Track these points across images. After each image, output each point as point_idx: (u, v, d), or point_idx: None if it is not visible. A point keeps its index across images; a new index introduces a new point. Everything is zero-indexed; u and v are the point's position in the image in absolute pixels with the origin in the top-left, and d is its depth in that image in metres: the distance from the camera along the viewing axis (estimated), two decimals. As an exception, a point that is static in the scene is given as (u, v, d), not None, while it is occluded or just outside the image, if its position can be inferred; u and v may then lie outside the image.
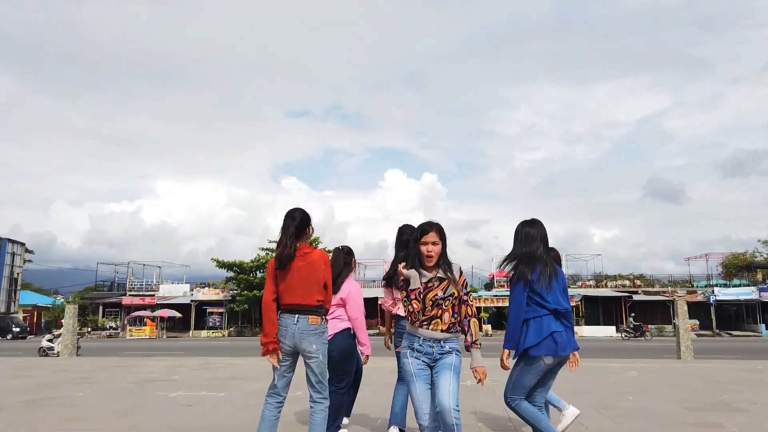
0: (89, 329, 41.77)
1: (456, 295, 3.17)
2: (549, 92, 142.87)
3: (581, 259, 47.79)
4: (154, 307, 41.62)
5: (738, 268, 45.98)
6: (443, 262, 3.21)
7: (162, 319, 40.28)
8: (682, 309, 13.07)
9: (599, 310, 41.91)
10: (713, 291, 39.43)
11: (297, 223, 3.53)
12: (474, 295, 40.51)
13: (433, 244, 3.16)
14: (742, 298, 39.13)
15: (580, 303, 39.54)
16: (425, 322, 3.13)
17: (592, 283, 44.59)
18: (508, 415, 5.24)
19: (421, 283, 3.16)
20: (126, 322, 41.16)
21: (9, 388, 7.54)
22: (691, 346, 12.64)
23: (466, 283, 3.27)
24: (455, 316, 3.17)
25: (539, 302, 3.32)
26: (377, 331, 38.54)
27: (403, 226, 4.39)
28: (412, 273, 3.19)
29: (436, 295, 3.13)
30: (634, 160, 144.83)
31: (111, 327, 42.41)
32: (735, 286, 41.06)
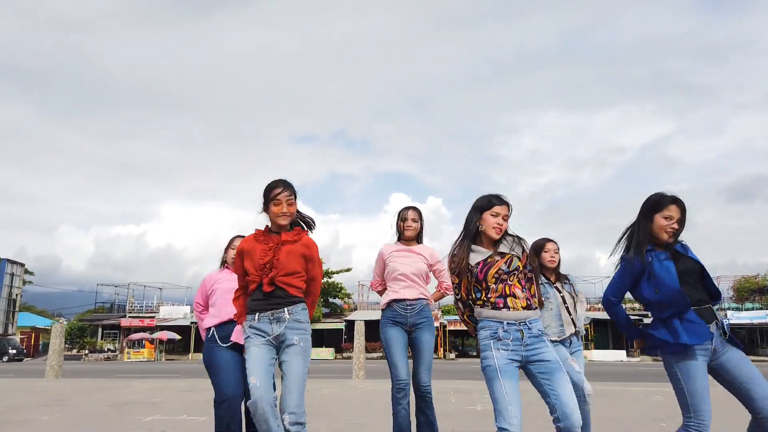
0: (87, 351, 40.97)
1: (521, 269, 2.66)
2: (554, 118, 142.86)
3: (589, 281, 46.90)
4: (153, 329, 40.83)
5: (750, 291, 44.96)
6: (506, 236, 2.78)
7: (161, 341, 39.44)
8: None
9: (609, 334, 40.90)
10: (726, 315, 38.37)
11: None
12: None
13: (504, 218, 2.76)
14: (755, 321, 38.12)
15: (589, 326, 38.55)
16: (500, 303, 2.61)
17: (600, 306, 43.60)
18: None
19: (478, 262, 2.70)
20: (124, 345, 40.32)
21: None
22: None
23: (531, 259, 2.76)
24: (525, 291, 2.65)
25: None
26: (382, 353, 37.61)
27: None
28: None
29: (500, 269, 2.65)
30: (639, 185, 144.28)
31: (109, 349, 41.59)
32: (747, 309, 40.03)
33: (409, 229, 3.83)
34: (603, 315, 40.17)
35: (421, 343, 3.69)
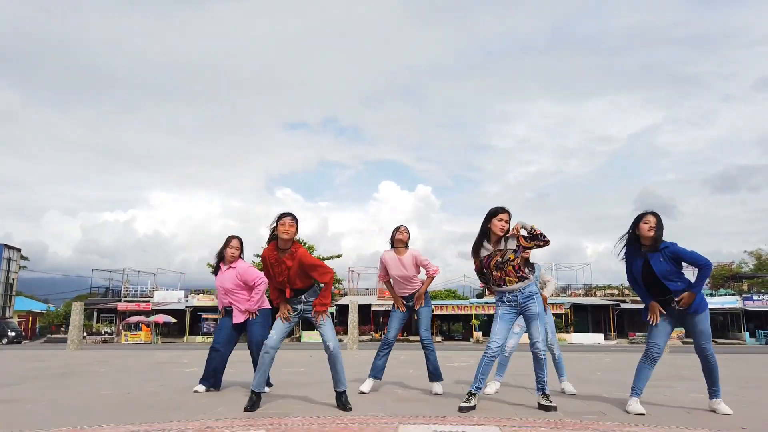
0: (85, 334, 42.10)
1: (512, 259, 4.14)
2: (544, 107, 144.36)
3: (571, 268, 48.64)
4: (149, 313, 42.04)
5: (724, 278, 46.95)
6: (511, 234, 4.21)
7: (157, 324, 40.70)
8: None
9: (588, 318, 42.71)
10: (699, 300, 40.25)
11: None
12: (465, 303, 41.57)
13: (506, 222, 4.18)
14: (726, 306, 39.99)
15: (569, 311, 40.33)
16: (501, 284, 4.16)
17: (581, 291, 45.37)
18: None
19: (484, 256, 4.22)
20: (121, 328, 41.54)
21: (36, 367, 8.20)
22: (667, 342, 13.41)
23: (520, 238, 4.17)
24: (518, 273, 4.14)
25: None
26: (370, 336, 39.18)
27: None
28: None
29: (497, 260, 4.14)
30: (627, 174, 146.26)
31: (106, 332, 42.76)
32: (720, 295, 41.94)
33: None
34: (583, 300, 41.96)
35: (420, 314, 5.33)
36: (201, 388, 5.32)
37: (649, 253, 4.06)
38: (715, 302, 40.37)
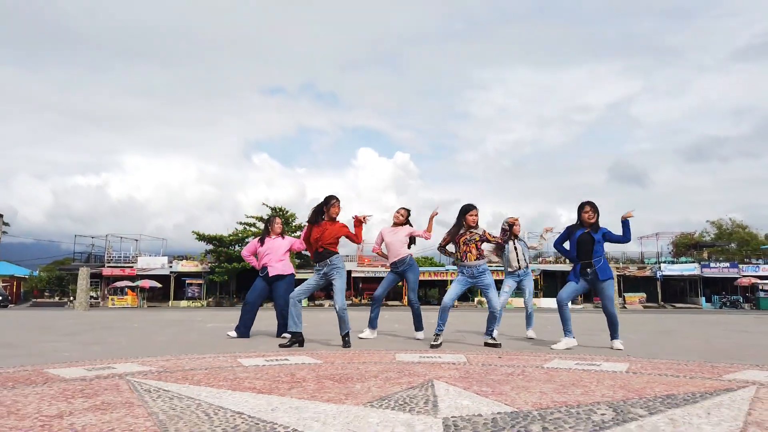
0: (72, 298, 43.09)
1: (476, 240, 5.73)
2: (523, 76, 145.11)
3: (544, 236, 50.69)
4: (134, 278, 43.13)
5: (687, 246, 49.54)
6: (477, 224, 5.81)
7: (142, 289, 41.86)
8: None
9: (557, 284, 45.01)
10: (660, 267, 42.76)
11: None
12: (442, 270, 43.63)
13: (475, 215, 5.81)
14: (686, 273, 42.55)
15: (539, 277, 42.52)
16: (464, 258, 5.70)
17: (551, 259, 47.59)
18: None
19: (458, 234, 5.80)
20: (107, 292, 42.64)
21: (71, 323, 9.50)
22: (618, 302, 15.20)
23: (485, 233, 5.81)
24: (479, 251, 5.73)
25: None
26: (350, 301, 40.91)
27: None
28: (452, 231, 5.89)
29: (466, 238, 5.72)
30: (602, 144, 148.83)
31: (92, 297, 43.76)
32: (681, 262, 44.48)
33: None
34: (552, 267, 44.18)
35: (409, 279, 6.72)
36: (233, 333, 6.72)
37: (591, 231, 5.62)
38: (675, 269, 42.97)
